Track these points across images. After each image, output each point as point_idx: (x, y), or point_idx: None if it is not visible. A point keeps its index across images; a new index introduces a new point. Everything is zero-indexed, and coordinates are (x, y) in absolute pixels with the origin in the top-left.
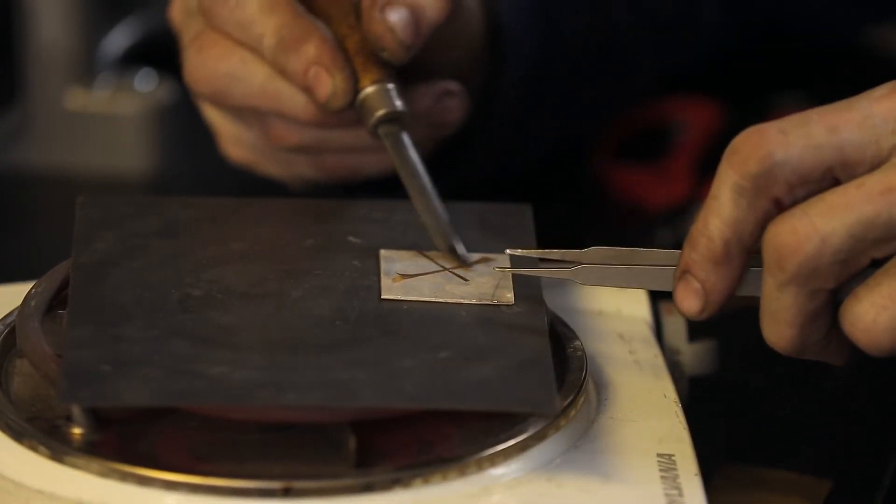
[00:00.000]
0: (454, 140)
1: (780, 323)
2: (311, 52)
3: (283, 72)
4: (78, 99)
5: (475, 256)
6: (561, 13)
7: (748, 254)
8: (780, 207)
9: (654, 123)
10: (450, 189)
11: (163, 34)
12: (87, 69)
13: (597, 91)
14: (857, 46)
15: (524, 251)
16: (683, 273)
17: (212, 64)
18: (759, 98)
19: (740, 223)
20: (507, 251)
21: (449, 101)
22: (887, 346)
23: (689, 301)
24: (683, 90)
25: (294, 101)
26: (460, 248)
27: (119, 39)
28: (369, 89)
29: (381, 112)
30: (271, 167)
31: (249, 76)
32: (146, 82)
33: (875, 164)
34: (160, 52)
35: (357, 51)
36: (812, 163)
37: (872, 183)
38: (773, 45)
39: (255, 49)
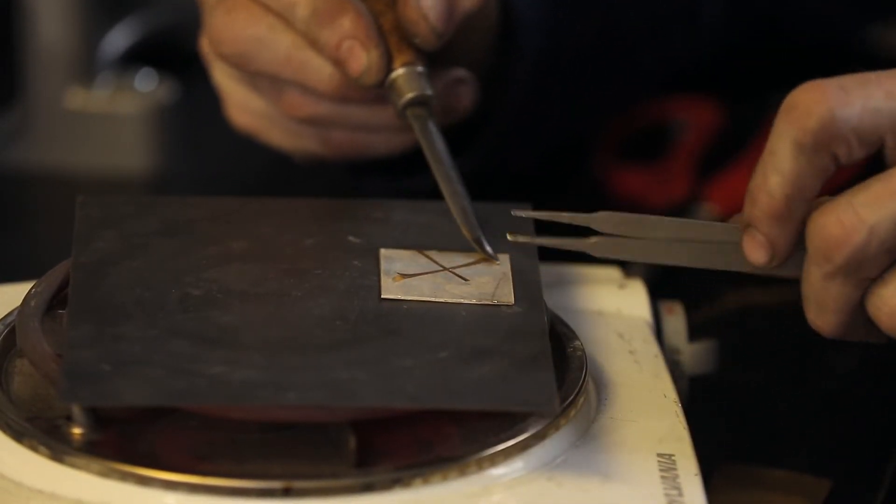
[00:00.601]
0: (461, 129)
1: (827, 311)
2: (347, 26)
3: (314, 43)
4: (78, 98)
5: (473, 256)
6: (566, 8)
7: (809, 206)
8: (838, 164)
9: (654, 123)
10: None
11: (163, 34)
12: (87, 69)
13: (599, 88)
14: (858, 45)
15: (526, 238)
16: (747, 226)
17: (239, 27)
18: (760, 98)
19: (801, 178)
20: (508, 235)
21: (460, 88)
22: None
23: (757, 253)
24: (684, 89)
25: (319, 72)
26: (484, 240)
27: (119, 39)
28: (401, 70)
29: (411, 94)
30: (276, 137)
31: (276, 43)
32: (146, 82)
33: None
34: (160, 52)
35: (391, 30)
36: (870, 125)
37: None
38: (774, 45)
39: (284, 16)
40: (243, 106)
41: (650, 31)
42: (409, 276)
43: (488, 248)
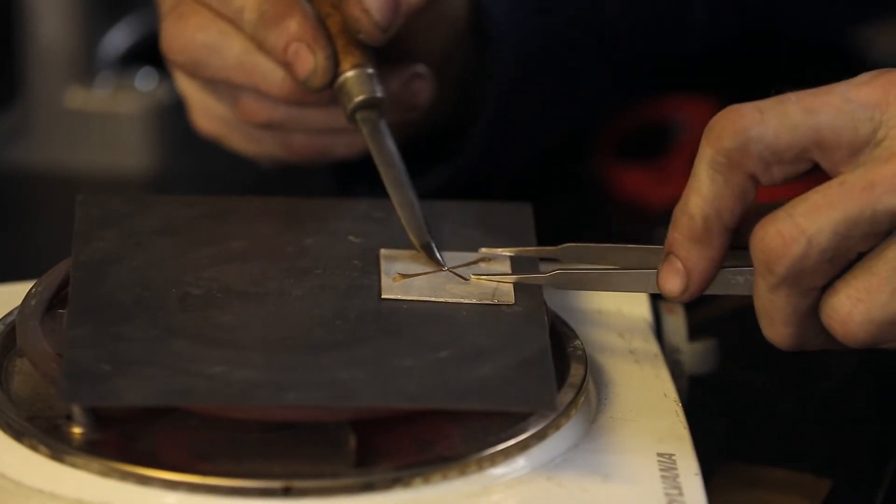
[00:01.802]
0: (448, 132)
1: (776, 323)
2: (293, 28)
3: (262, 46)
4: (78, 98)
5: (472, 256)
6: (552, 4)
7: (729, 234)
8: (757, 185)
9: (654, 123)
10: (445, 184)
11: None
12: (87, 68)
13: (590, 85)
14: (848, 46)
15: (504, 249)
16: (667, 254)
17: (190, 33)
18: (759, 97)
19: (718, 199)
20: (482, 249)
21: (417, 84)
22: (862, 339)
23: (671, 282)
24: (681, 89)
25: (271, 77)
26: (434, 247)
27: (119, 38)
28: (350, 73)
29: (360, 97)
30: (239, 142)
31: (227, 48)
32: (146, 81)
33: (853, 150)
34: (160, 52)
35: (339, 31)
36: (787, 140)
37: (854, 180)
38: (766, 43)
39: (234, 21)
40: (206, 112)
41: (639, 26)
42: (409, 276)
43: (438, 256)
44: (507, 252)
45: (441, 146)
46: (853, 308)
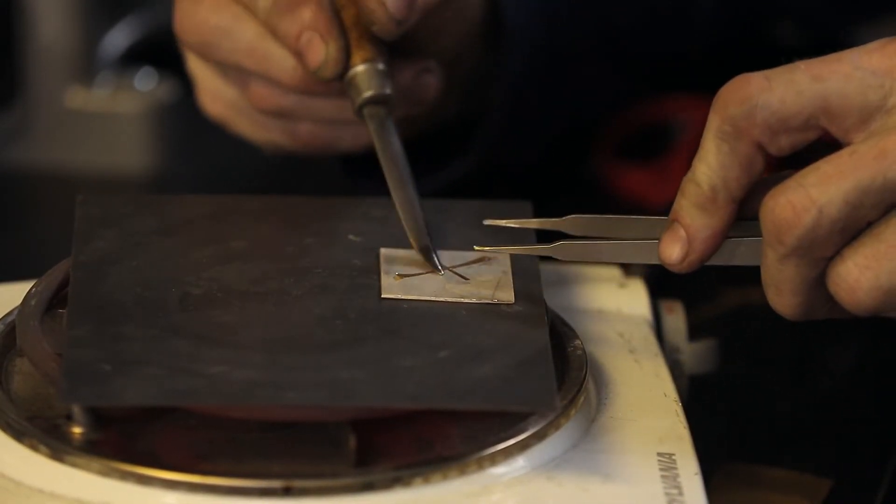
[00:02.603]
0: (455, 131)
1: (784, 293)
2: (307, 17)
3: (275, 33)
4: (78, 98)
5: (472, 255)
6: (560, 3)
7: (735, 205)
8: (765, 154)
9: (654, 123)
10: (451, 182)
11: (163, 33)
12: (87, 68)
13: (595, 84)
14: (848, 46)
15: (491, 247)
16: (672, 222)
17: (204, 14)
18: None
19: (725, 168)
20: (486, 221)
21: (427, 78)
22: (869, 306)
23: (671, 248)
24: (684, 89)
25: (281, 64)
26: (432, 249)
27: (119, 38)
28: (360, 67)
29: (369, 93)
30: (245, 127)
31: (239, 33)
32: (146, 81)
33: (863, 117)
34: (160, 52)
35: (352, 24)
36: (793, 107)
37: (865, 149)
38: (767, 44)
39: (249, 6)
40: (214, 94)
41: (643, 24)
42: (409, 276)
43: (436, 259)
44: (509, 250)
45: (448, 145)
46: (861, 275)
